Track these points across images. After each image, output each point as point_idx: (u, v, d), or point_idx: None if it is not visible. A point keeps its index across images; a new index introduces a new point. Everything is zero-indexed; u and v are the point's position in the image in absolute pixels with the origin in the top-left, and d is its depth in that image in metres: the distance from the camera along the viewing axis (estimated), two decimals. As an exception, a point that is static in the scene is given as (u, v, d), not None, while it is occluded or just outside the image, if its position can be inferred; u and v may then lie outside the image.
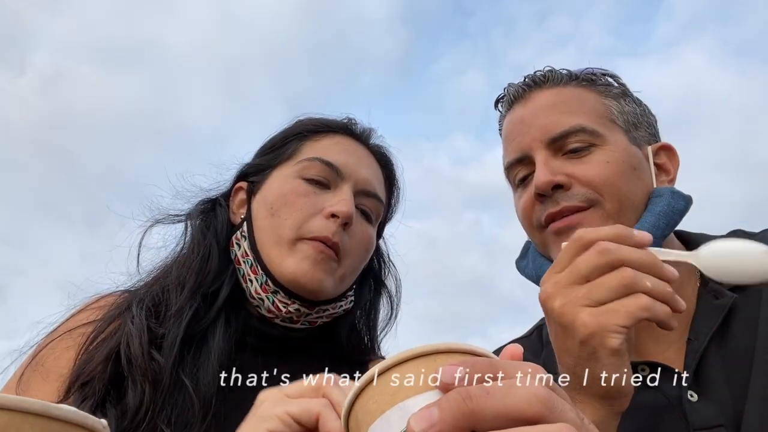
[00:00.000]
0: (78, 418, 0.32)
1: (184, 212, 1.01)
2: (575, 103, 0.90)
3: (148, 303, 0.88)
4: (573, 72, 0.95)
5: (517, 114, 0.94)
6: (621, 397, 0.65)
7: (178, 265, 0.93)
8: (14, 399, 0.30)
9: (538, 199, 0.87)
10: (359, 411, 0.39)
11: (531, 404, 0.34)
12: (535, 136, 0.89)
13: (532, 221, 0.90)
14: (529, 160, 0.90)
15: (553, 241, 0.86)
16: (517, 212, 0.96)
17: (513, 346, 0.43)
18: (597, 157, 0.85)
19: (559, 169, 0.85)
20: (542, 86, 0.94)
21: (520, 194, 0.93)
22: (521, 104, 0.95)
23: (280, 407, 0.51)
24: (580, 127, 0.86)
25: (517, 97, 0.96)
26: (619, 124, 0.90)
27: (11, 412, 0.30)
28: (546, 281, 0.67)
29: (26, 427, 0.30)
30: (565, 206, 0.84)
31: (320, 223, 0.90)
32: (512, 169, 0.94)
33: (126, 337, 0.82)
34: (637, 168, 0.87)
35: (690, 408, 0.75)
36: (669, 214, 0.84)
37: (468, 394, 0.34)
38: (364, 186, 0.96)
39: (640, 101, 0.97)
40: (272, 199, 0.93)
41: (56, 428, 0.31)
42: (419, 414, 0.34)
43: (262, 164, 1.00)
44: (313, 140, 0.99)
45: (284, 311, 0.91)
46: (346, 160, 0.95)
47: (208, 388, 0.81)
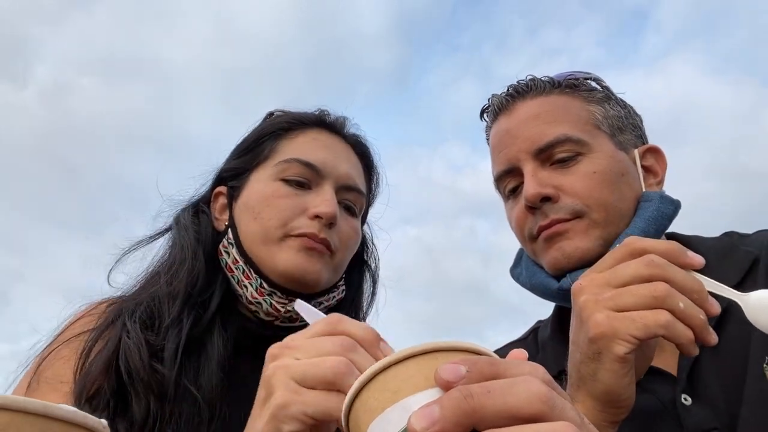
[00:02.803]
0: (78, 418, 0.32)
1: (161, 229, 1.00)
2: (559, 111, 0.90)
3: (141, 315, 0.87)
4: (555, 79, 0.95)
5: (503, 125, 0.95)
6: (619, 405, 0.64)
7: (166, 274, 0.92)
8: (15, 399, 0.30)
9: (528, 210, 0.88)
10: (359, 408, 0.39)
11: (532, 403, 0.34)
12: (521, 148, 0.90)
13: (524, 233, 0.91)
14: (517, 171, 0.91)
15: (543, 248, 0.88)
16: (509, 222, 0.97)
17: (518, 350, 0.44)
18: (584, 167, 0.86)
19: (546, 181, 0.86)
20: (525, 96, 0.94)
21: (512, 205, 0.95)
22: (506, 115, 0.95)
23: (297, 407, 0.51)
24: (566, 137, 0.87)
25: (502, 108, 0.96)
26: (605, 130, 0.90)
27: (12, 412, 0.30)
28: (584, 276, 0.67)
29: (26, 427, 0.30)
30: (554, 219, 0.85)
31: (305, 222, 0.90)
32: (502, 180, 0.95)
33: (124, 351, 0.81)
34: (624, 174, 0.88)
35: (684, 412, 0.75)
36: (658, 219, 0.85)
37: (469, 392, 0.34)
38: (345, 181, 0.96)
39: (624, 103, 0.97)
40: (253, 203, 0.93)
41: (56, 428, 0.31)
42: (420, 412, 0.34)
43: (240, 167, 0.99)
44: (288, 138, 0.98)
45: (283, 311, 0.91)
46: (324, 157, 0.95)
47: (212, 393, 0.81)
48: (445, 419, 0.33)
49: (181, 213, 1.00)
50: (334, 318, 0.57)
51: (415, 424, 0.33)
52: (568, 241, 0.85)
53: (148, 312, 0.87)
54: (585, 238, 0.84)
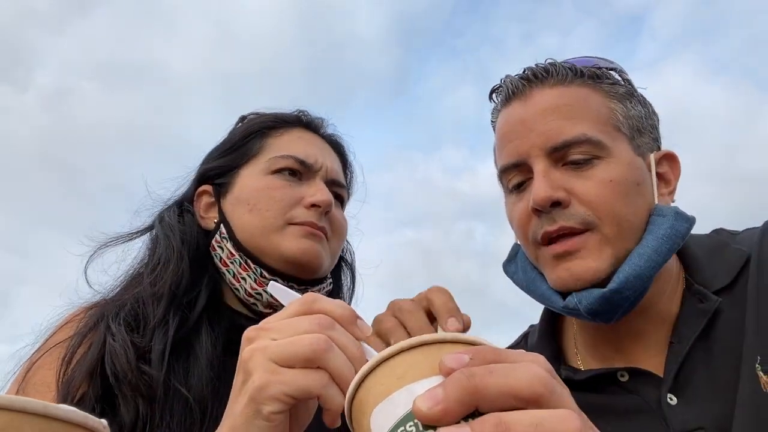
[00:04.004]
0: (78, 418, 0.32)
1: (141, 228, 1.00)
2: (580, 106, 0.82)
3: (125, 316, 0.86)
4: (577, 68, 0.86)
5: (516, 113, 0.86)
6: None
7: (150, 275, 0.91)
8: (14, 399, 0.30)
9: (534, 213, 0.81)
10: (364, 394, 0.40)
11: (532, 384, 0.35)
12: (535, 143, 0.81)
13: (527, 235, 0.84)
14: (526, 167, 0.83)
15: (549, 262, 0.82)
16: (509, 219, 0.90)
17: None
18: (600, 172, 0.79)
19: (559, 183, 0.79)
20: (544, 83, 0.85)
21: (515, 201, 0.87)
22: (521, 102, 0.86)
23: (276, 387, 0.50)
24: (585, 138, 0.79)
25: (516, 93, 0.87)
26: (624, 131, 0.83)
27: (11, 412, 0.30)
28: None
29: (26, 427, 0.30)
30: (562, 226, 0.78)
31: (302, 211, 0.92)
32: (507, 173, 0.87)
33: (109, 353, 0.80)
34: (640, 183, 0.81)
35: (669, 411, 0.75)
36: (672, 237, 0.78)
37: (471, 372, 0.35)
38: (332, 176, 1.00)
39: (645, 100, 0.89)
40: (247, 196, 0.94)
41: (56, 428, 0.31)
42: (425, 394, 0.35)
43: (226, 165, 1.00)
44: (273, 136, 1.01)
45: None
46: (312, 153, 0.99)
47: (202, 392, 0.81)
48: (448, 399, 0.34)
49: (165, 212, 1.00)
50: (309, 297, 0.56)
51: (421, 405, 0.34)
52: (579, 261, 0.78)
53: (132, 314, 0.87)
54: (597, 257, 0.78)
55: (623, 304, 0.78)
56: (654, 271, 0.77)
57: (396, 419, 0.36)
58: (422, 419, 0.34)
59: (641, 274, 0.76)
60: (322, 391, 0.50)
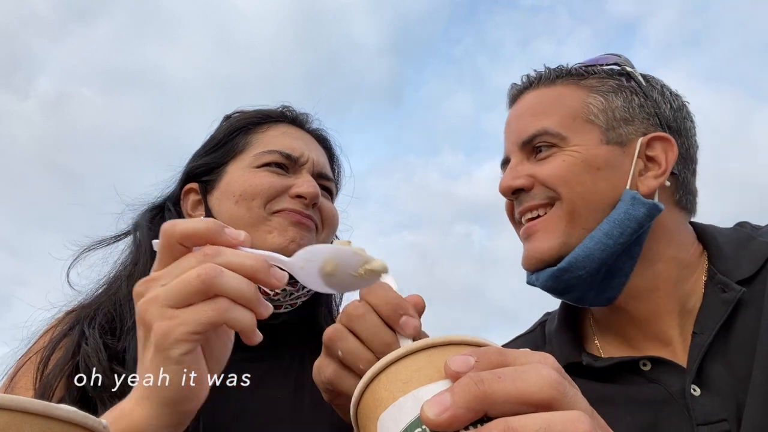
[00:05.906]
0: (78, 418, 0.32)
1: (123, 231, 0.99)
2: (550, 104, 0.90)
3: (101, 320, 0.85)
4: (565, 68, 0.94)
5: (509, 115, 0.98)
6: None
7: (129, 278, 0.90)
8: (14, 399, 0.30)
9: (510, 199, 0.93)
10: (369, 399, 0.39)
11: (542, 388, 0.34)
12: (512, 140, 0.93)
13: (513, 218, 0.95)
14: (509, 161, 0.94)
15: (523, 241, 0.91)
16: None
17: None
18: (557, 158, 0.86)
19: (523, 172, 0.88)
20: (533, 86, 0.95)
21: None
22: (514, 105, 0.97)
23: (178, 330, 0.49)
24: (544, 131, 0.88)
25: (512, 99, 0.99)
26: (598, 123, 0.87)
27: (11, 412, 0.30)
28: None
29: (26, 427, 0.30)
30: (527, 205, 0.89)
31: (287, 201, 0.91)
32: (503, 168, 0.98)
33: (83, 358, 0.80)
34: (602, 168, 0.84)
35: (693, 402, 0.75)
36: (624, 222, 0.81)
37: (480, 378, 0.34)
38: (320, 169, 1.00)
39: (649, 92, 0.91)
40: (234, 189, 0.93)
41: (56, 428, 0.31)
42: (432, 400, 0.34)
43: (212, 162, 0.99)
44: (259, 132, 1.00)
45: (272, 294, 0.90)
46: (300, 148, 0.98)
47: None
48: (456, 405, 0.33)
49: (140, 216, 0.99)
50: (166, 228, 0.54)
51: (428, 412, 0.33)
52: (532, 243, 0.87)
53: (108, 317, 0.86)
54: (549, 238, 0.85)
55: (576, 283, 0.84)
56: (605, 253, 0.81)
57: (404, 425, 0.36)
58: (430, 426, 0.33)
59: (590, 255, 0.81)
60: (225, 316, 0.49)
